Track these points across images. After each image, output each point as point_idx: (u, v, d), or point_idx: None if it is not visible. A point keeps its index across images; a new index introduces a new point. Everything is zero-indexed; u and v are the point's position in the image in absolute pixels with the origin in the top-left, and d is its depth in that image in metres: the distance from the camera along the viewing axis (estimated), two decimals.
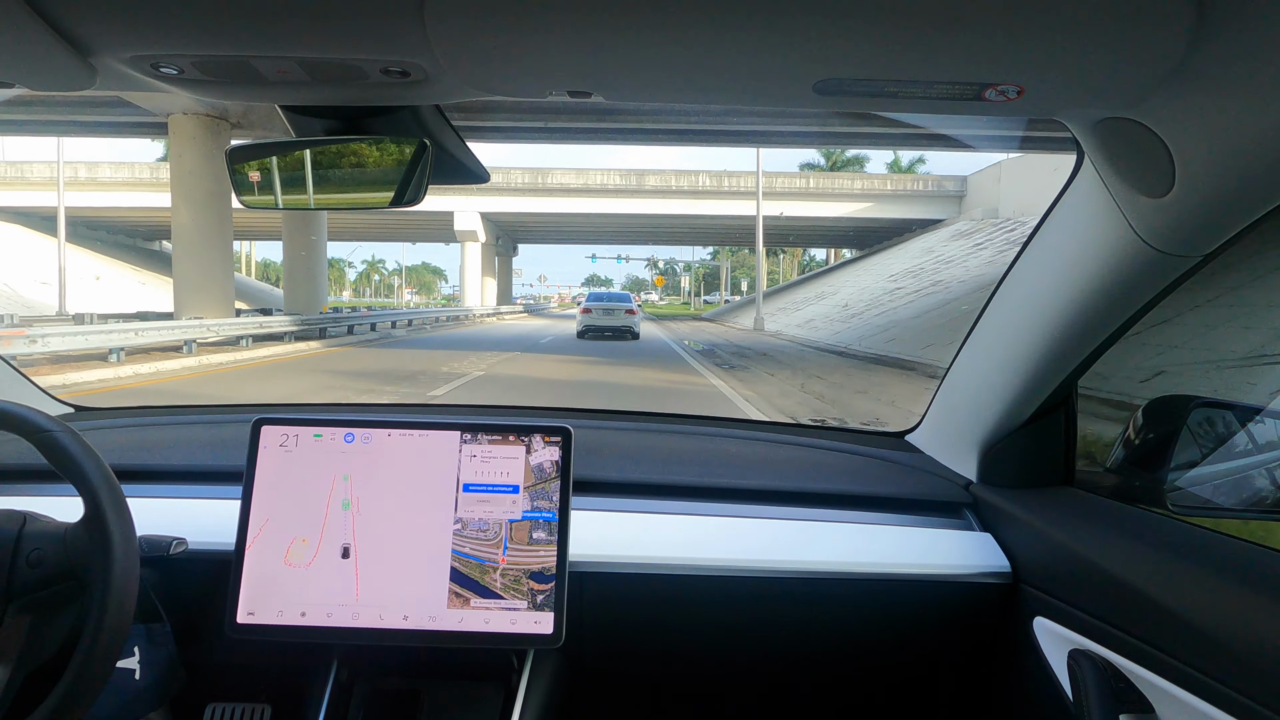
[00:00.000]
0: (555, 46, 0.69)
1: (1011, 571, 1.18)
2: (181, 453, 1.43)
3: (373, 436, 1.12)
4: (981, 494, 1.30)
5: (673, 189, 37.27)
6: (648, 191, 37.32)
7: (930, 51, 0.67)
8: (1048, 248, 1.08)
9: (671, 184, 37.28)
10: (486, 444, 1.12)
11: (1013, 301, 1.17)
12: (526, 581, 1.07)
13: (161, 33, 0.68)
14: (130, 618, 0.89)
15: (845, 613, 1.22)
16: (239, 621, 1.06)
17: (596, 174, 37.39)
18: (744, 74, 0.73)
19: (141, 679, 1.07)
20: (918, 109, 0.79)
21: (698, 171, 37.56)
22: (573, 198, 37.36)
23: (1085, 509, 1.15)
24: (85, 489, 0.91)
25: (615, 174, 37.44)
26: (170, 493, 1.27)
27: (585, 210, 37.85)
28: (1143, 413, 1.17)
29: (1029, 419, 1.22)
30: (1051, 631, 1.07)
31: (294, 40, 0.69)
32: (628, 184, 37.25)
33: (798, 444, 1.55)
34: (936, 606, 1.21)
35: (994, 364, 1.22)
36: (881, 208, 36.28)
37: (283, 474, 1.11)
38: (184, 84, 0.78)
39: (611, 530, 1.23)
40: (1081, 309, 1.03)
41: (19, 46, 0.69)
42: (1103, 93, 0.74)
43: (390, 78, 0.75)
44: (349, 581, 1.08)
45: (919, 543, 1.24)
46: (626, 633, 1.24)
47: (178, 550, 1.09)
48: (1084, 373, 1.14)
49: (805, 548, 1.22)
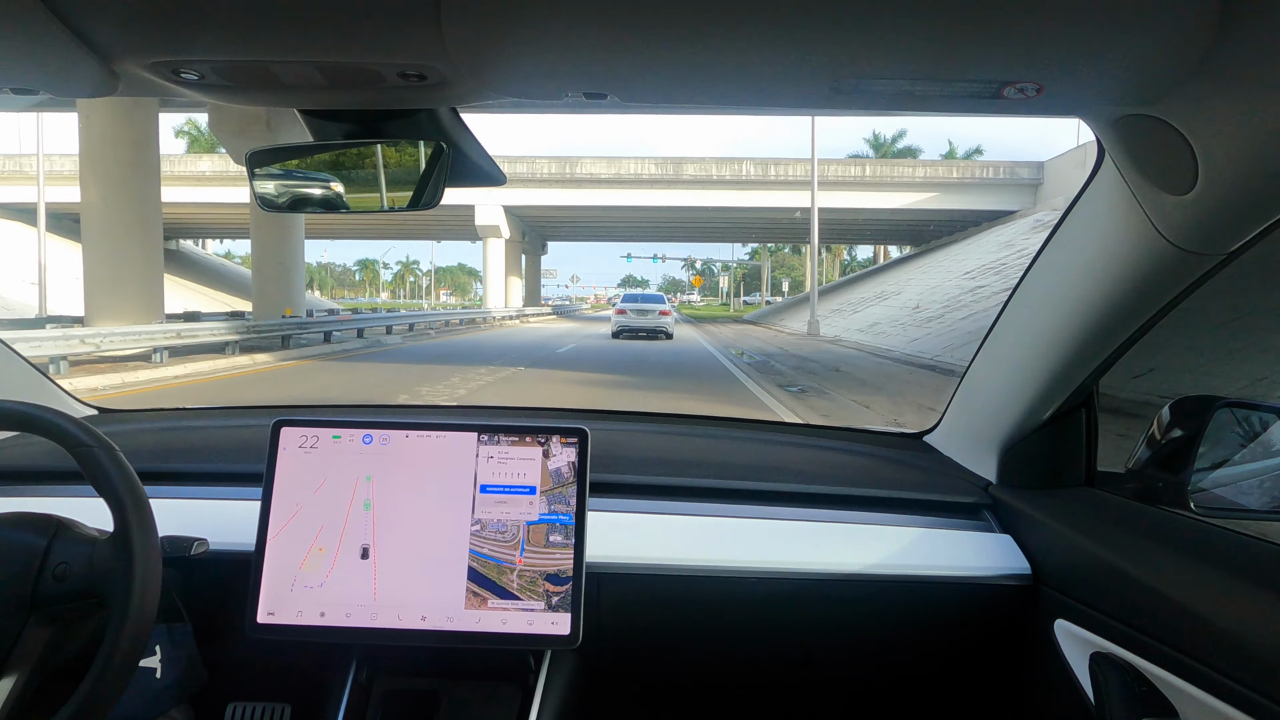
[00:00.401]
0: (570, 49, 0.70)
1: (1031, 573, 1.17)
2: (203, 454, 1.46)
3: (391, 438, 1.13)
4: (1001, 495, 1.29)
5: (713, 179, 33.84)
6: (685, 181, 33.93)
7: (948, 50, 0.67)
8: (1068, 246, 1.07)
9: (712, 173, 33.85)
10: (504, 445, 1.12)
11: (1033, 301, 1.16)
12: (543, 583, 1.07)
13: (183, 39, 0.69)
14: (146, 640, 0.90)
15: (863, 614, 1.22)
16: (259, 621, 1.07)
17: (629, 163, 34.09)
18: (760, 76, 0.73)
19: (163, 677, 1.08)
20: (935, 109, 0.80)
21: (741, 159, 34.05)
22: (604, 189, 34.08)
23: (1107, 510, 1.15)
24: (117, 508, 0.92)
25: (650, 163, 34.10)
26: (192, 493, 1.29)
27: (618, 203, 34.56)
28: (1166, 412, 1.14)
29: (1049, 419, 1.21)
30: (1073, 634, 1.06)
31: (312, 45, 0.70)
32: (664, 174, 33.91)
33: (815, 445, 1.57)
34: (955, 608, 1.20)
35: (1014, 364, 1.21)
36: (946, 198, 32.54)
37: (302, 475, 1.11)
38: (204, 89, 0.79)
39: (628, 531, 1.23)
40: (1103, 307, 1.02)
41: (45, 54, 0.72)
42: (1124, 90, 0.73)
43: (407, 81, 0.76)
44: (368, 582, 1.08)
45: (938, 544, 1.23)
46: (644, 634, 1.24)
47: (199, 551, 1.09)
48: (1105, 372, 1.13)
49: (822, 549, 1.21)
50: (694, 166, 34.10)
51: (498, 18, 0.64)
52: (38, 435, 0.96)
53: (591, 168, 34.14)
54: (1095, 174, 0.97)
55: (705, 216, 38.51)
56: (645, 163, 34.12)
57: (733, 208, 34.75)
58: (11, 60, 0.74)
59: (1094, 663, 1.00)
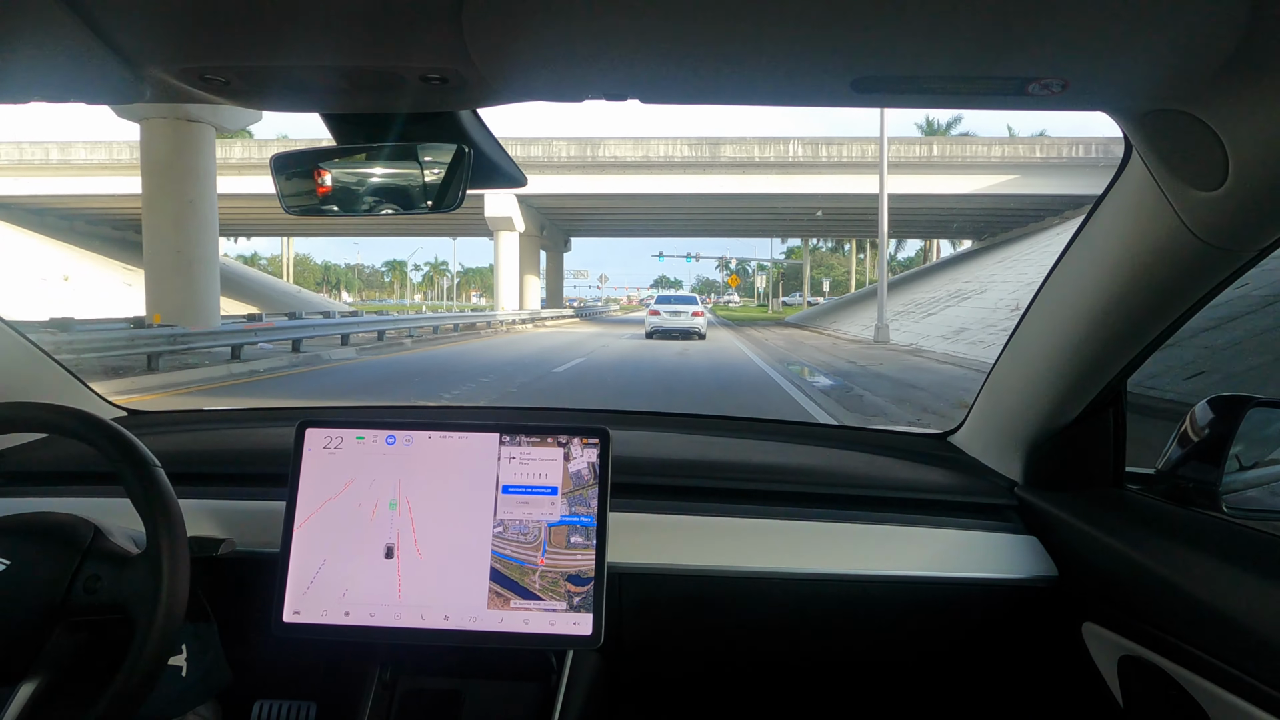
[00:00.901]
0: (591, 51, 0.70)
1: (1058, 575, 1.16)
2: (229, 455, 1.47)
3: (414, 438, 1.13)
4: (1026, 496, 1.28)
5: (754, 161, 29.34)
6: (723, 165, 29.46)
7: (971, 47, 0.67)
8: (1095, 243, 1.05)
9: (753, 155, 29.34)
10: (525, 446, 1.12)
11: (1059, 298, 1.15)
12: (564, 584, 1.08)
13: (208, 45, 0.71)
14: (168, 658, 0.93)
15: (886, 617, 1.22)
16: (284, 620, 1.08)
17: (659, 144, 29.69)
18: (781, 74, 0.74)
19: (189, 675, 1.10)
20: (958, 105, 0.80)
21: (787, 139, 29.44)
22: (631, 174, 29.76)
23: (1136, 511, 1.13)
24: (152, 528, 0.94)
25: (683, 143, 29.67)
26: (219, 494, 1.30)
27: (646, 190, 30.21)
28: (1197, 412, 1.14)
29: (1076, 418, 1.20)
30: (1101, 638, 1.05)
31: (335, 49, 0.71)
32: (698, 156, 29.45)
33: (837, 446, 1.55)
34: (980, 611, 1.20)
35: (1040, 362, 1.20)
36: (1026, 181, 27.76)
37: (326, 475, 1.12)
38: (230, 94, 0.81)
39: (649, 533, 1.23)
40: (1131, 305, 1.02)
41: (75, 63, 0.73)
42: (1152, 85, 0.72)
43: (429, 84, 0.77)
44: (392, 582, 1.09)
45: (962, 546, 1.23)
46: (665, 635, 1.25)
47: (225, 551, 1.11)
48: (1133, 371, 1.12)
49: (845, 551, 1.21)
50: (733, 148, 29.58)
51: (519, 21, 0.65)
52: (85, 445, 0.98)
53: (616, 150, 29.79)
54: (1122, 170, 0.96)
55: (745, 206, 34.01)
56: (677, 144, 29.69)
57: (777, 194, 30.19)
58: (43, 69, 0.76)
59: (1123, 666, 0.99)
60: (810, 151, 29.10)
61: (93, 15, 0.65)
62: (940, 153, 29.23)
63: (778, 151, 29.30)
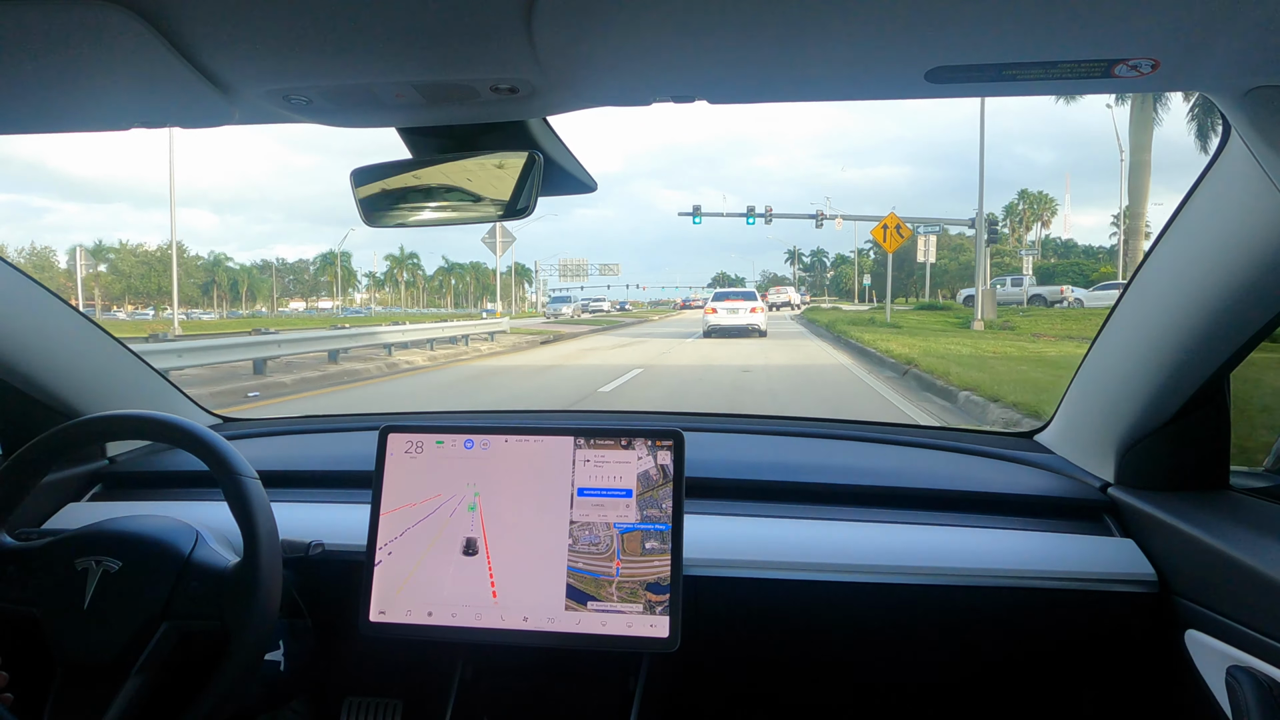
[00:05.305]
0: (659, 54, 0.71)
1: (1158, 580, 1.12)
2: (318, 460, 1.55)
3: (491, 443, 1.17)
4: (1121, 497, 1.23)
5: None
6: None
7: (1052, 29, 0.63)
8: (1192, 231, 1.01)
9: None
10: (600, 448, 1.14)
11: (1154, 290, 1.10)
12: (644, 593, 1.09)
13: (293, 67, 0.73)
14: (260, 662, 0.99)
15: (972, 622, 1.18)
16: (371, 620, 1.12)
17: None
18: (851, 68, 0.72)
19: (286, 669, 1.16)
20: (1035, 91, 0.76)
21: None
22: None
23: (1244, 513, 1.08)
24: (250, 541, 1.00)
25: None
26: (309, 497, 1.38)
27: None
28: None
29: (1174, 416, 1.15)
30: (1206, 646, 1.01)
31: (409, 65, 0.73)
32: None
33: (920, 445, 1.51)
34: (1073, 617, 1.16)
35: (1135, 357, 1.16)
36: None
37: (409, 479, 1.17)
38: (312, 113, 0.83)
39: (726, 535, 1.22)
40: (1233, 295, 0.97)
41: (171, 90, 0.77)
42: (1256, 60, 0.69)
43: (500, 95, 0.78)
44: (473, 583, 1.12)
45: (1052, 548, 1.18)
46: (743, 639, 1.24)
47: (315, 551, 1.17)
48: (1237, 364, 1.07)
49: (929, 553, 1.18)
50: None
51: (586, 27, 0.65)
52: (195, 456, 1.02)
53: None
54: (1220, 152, 0.91)
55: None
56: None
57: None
58: (142, 99, 0.80)
59: (1231, 676, 0.95)
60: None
61: (188, 45, 0.67)
62: None
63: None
